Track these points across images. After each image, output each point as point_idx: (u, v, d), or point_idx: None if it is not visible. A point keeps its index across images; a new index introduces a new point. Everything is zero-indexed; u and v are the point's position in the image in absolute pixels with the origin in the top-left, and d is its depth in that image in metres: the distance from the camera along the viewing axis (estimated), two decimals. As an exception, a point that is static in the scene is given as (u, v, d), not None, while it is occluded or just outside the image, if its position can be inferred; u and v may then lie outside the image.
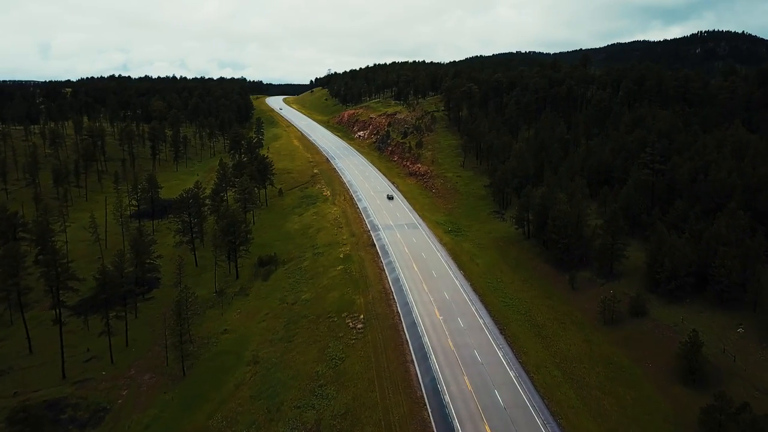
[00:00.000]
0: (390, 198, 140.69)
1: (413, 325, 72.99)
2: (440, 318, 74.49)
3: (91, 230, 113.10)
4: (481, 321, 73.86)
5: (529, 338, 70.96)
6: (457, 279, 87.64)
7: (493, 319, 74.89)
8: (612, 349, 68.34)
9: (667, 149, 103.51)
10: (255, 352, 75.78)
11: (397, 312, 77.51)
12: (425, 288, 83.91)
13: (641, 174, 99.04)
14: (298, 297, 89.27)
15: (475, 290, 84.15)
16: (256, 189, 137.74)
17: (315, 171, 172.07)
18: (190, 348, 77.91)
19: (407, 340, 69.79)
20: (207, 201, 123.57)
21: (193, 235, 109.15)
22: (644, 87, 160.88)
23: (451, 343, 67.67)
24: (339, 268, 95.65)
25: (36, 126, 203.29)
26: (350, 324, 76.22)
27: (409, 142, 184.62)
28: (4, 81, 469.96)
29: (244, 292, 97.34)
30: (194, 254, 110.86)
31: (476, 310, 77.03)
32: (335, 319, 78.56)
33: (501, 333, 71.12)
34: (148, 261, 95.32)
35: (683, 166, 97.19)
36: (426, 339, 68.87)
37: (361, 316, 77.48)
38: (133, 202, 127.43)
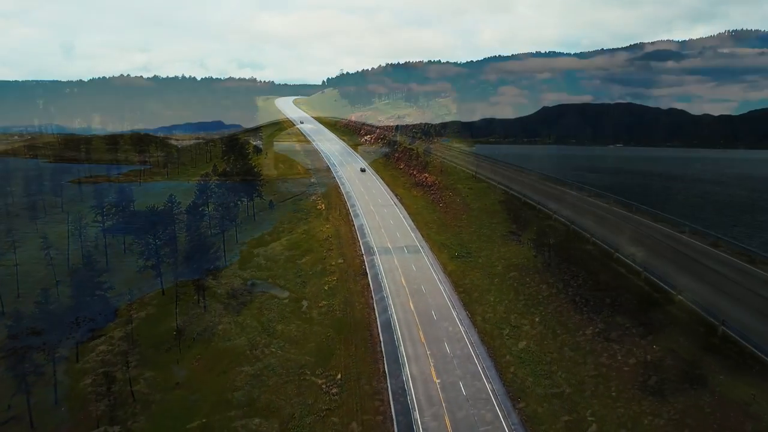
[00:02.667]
0: (362, 171, 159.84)
1: (402, 392, 57.28)
2: (437, 381, 58.72)
3: (46, 250, 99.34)
4: (489, 387, 57.96)
5: (551, 416, 54.71)
6: (462, 324, 71.62)
7: (504, 385, 58.87)
8: (661, 433, 51.94)
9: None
10: (205, 421, 60.70)
11: (384, 372, 61.82)
12: (421, 337, 68.05)
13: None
14: (271, 341, 74.14)
15: (482, 339, 68.11)
16: (241, 202, 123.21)
17: (312, 180, 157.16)
18: (128, 412, 63.05)
19: (392, 418, 54.08)
20: (182, 216, 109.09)
21: (159, 259, 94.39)
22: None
23: (449, 424, 51.91)
24: (322, 304, 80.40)
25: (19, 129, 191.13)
26: (323, 386, 60.78)
27: (417, 149, 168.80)
28: (15, 81, 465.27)
29: (209, 331, 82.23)
30: (161, 281, 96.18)
31: (483, 369, 61.15)
32: (307, 377, 63.23)
33: (514, 407, 55.11)
34: (97, 293, 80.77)
35: None
36: (416, 415, 53.20)
37: (339, 376, 62.01)
38: (98, 218, 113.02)
